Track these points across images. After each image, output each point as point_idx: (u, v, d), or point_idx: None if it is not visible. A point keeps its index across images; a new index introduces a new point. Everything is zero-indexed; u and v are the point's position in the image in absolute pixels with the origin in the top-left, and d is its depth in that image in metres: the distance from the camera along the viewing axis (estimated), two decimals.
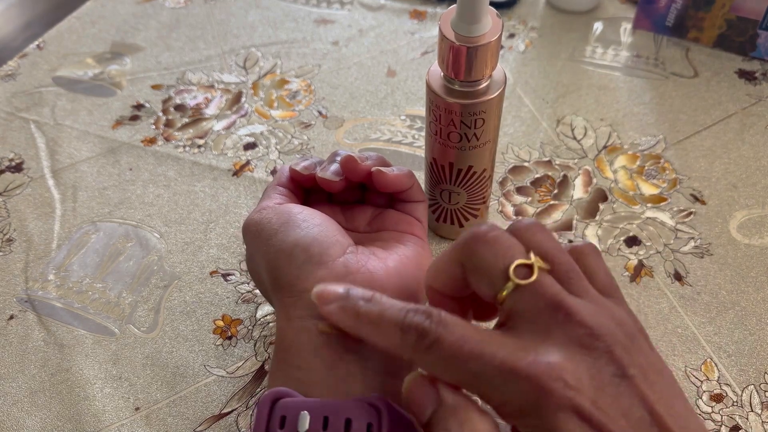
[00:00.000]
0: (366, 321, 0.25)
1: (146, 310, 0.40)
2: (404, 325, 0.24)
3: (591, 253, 0.27)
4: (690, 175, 0.46)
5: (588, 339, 0.22)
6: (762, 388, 0.36)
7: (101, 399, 0.37)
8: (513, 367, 0.22)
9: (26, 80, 0.56)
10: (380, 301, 0.25)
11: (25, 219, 0.46)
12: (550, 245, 0.25)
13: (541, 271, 0.24)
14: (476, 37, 0.31)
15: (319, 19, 0.60)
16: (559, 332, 0.23)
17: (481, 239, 0.25)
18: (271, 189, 0.36)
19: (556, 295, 0.23)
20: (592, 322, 0.23)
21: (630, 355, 0.22)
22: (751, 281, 0.40)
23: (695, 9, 0.53)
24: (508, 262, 0.24)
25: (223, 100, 0.53)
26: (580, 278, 0.25)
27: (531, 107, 0.51)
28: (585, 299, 0.24)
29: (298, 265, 0.30)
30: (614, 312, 0.24)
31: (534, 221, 0.26)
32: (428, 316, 0.23)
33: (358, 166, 0.34)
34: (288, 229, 0.31)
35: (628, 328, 0.24)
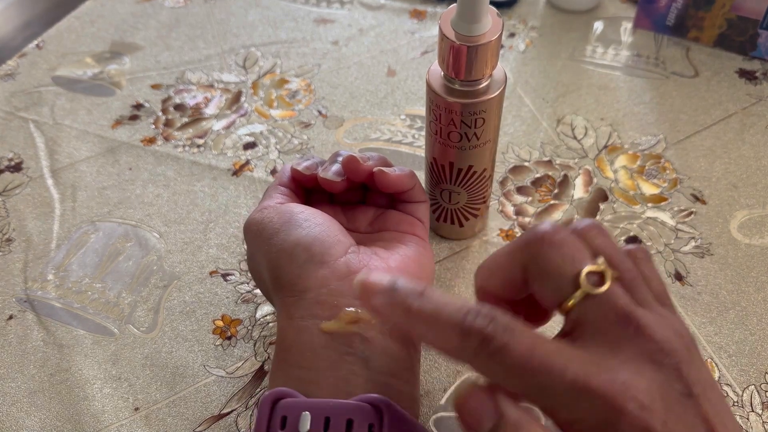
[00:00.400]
0: (419, 319, 0.22)
1: (146, 310, 0.40)
2: (464, 327, 0.21)
3: (644, 258, 0.25)
4: (690, 174, 0.46)
5: (658, 355, 0.21)
6: (763, 388, 0.36)
7: (100, 399, 0.37)
8: (586, 384, 0.20)
9: (25, 80, 0.56)
10: (434, 298, 0.22)
11: (25, 219, 0.46)
12: (612, 250, 0.24)
13: (613, 280, 0.23)
14: (476, 36, 0.31)
15: (319, 18, 0.59)
16: (630, 347, 0.21)
17: (548, 241, 0.23)
18: (272, 189, 0.36)
19: (626, 307, 0.22)
20: (661, 337, 0.22)
21: (693, 372, 0.22)
22: (751, 281, 0.40)
23: (696, 8, 0.53)
24: (578, 267, 0.22)
25: (222, 99, 0.53)
26: (643, 287, 0.23)
27: (531, 107, 0.51)
28: (649, 310, 0.23)
29: (299, 264, 0.30)
30: (674, 324, 0.23)
31: (595, 222, 0.24)
32: (491, 319, 0.21)
33: (360, 167, 0.34)
34: (289, 229, 0.31)
35: (687, 341, 0.23)
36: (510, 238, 0.43)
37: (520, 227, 0.43)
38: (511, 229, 0.43)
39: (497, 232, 0.43)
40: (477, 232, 0.43)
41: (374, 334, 0.29)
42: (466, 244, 0.43)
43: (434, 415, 0.35)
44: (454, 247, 0.42)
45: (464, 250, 0.42)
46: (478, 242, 0.43)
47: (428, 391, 0.36)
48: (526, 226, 0.43)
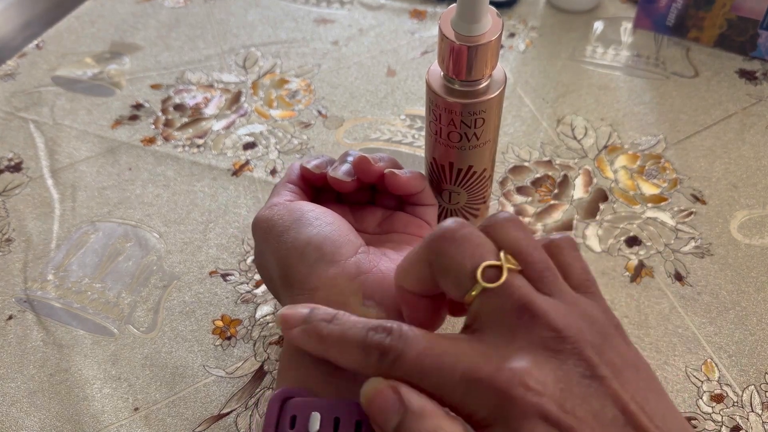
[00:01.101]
0: (329, 342, 0.24)
1: (145, 311, 0.40)
2: (365, 344, 0.23)
3: (567, 247, 0.26)
4: (690, 174, 0.46)
5: (554, 341, 0.22)
6: (762, 388, 0.36)
7: (100, 399, 0.37)
8: (475, 377, 0.21)
9: (25, 80, 0.56)
10: (342, 321, 0.24)
11: (24, 219, 0.46)
12: (524, 242, 0.24)
13: (510, 272, 0.23)
14: (476, 36, 0.31)
15: (318, 18, 0.59)
16: (523, 335, 0.22)
17: (449, 238, 0.24)
18: (281, 186, 0.35)
19: (524, 297, 0.22)
20: (560, 323, 0.22)
21: (601, 355, 0.22)
22: (751, 281, 0.40)
23: (696, 8, 0.53)
24: (476, 263, 0.23)
25: (222, 99, 0.53)
26: (554, 276, 0.24)
27: (531, 107, 0.51)
28: (557, 298, 0.23)
29: (310, 263, 0.30)
30: (587, 310, 0.23)
31: (509, 216, 0.25)
32: (389, 332, 0.23)
33: (371, 167, 0.34)
34: (300, 227, 0.31)
35: (601, 326, 0.23)
36: None
37: None
38: None
39: None
40: None
41: None
42: None
43: None
44: None
45: None
46: None
47: None
48: None
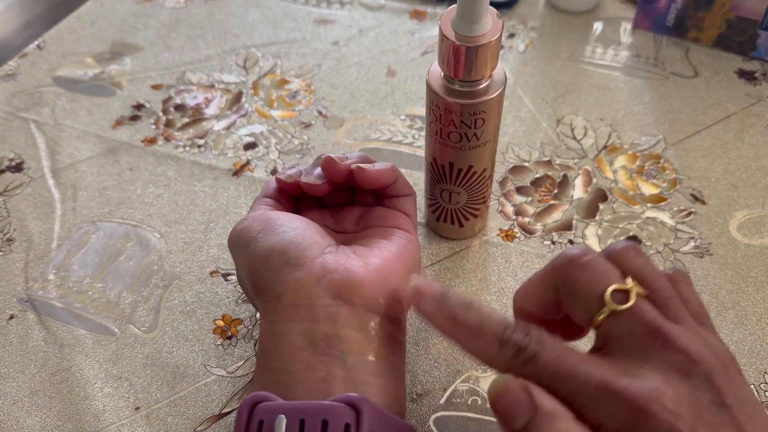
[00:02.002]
0: (463, 327, 0.25)
1: (146, 310, 0.40)
2: (503, 339, 0.23)
3: (683, 280, 0.26)
4: (690, 175, 0.46)
5: (687, 365, 0.22)
6: (762, 388, 0.36)
7: (101, 399, 0.37)
8: (612, 388, 0.21)
9: (26, 80, 0.56)
10: (479, 311, 0.25)
11: (25, 219, 0.46)
12: (648, 270, 0.25)
13: (638, 297, 0.24)
14: (476, 36, 0.31)
15: (319, 18, 0.60)
16: (657, 358, 0.22)
17: (576, 263, 0.25)
18: (257, 201, 0.36)
19: (654, 321, 0.23)
20: (691, 348, 0.22)
21: (727, 385, 0.22)
22: (751, 281, 0.40)
23: (695, 9, 0.53)
24: (604, 286, 0.24)
25: (223, 100, 0.53)
26: (678, 304, 0.24)
27: (531, 107, 0.51)
28: (682, 326, 0.23)
29: (275, 269, 0.30)
30: (709, 340, 0.24)
31: (630, 244, 0.26)
32: (527, 333, 0.23)
33: (337, 166, 0.34)
34: (265, 235, 0.31)
35: (724, 357, 0.23)
36: (510, 238, 0.43)
37: (520, 227, 0.43)
38: (510, 229, 0.43)
39: (497, 232, 0.43)
40: (477, 232, 0.43)
41: (350, 332, 0.28)
42: (466, 244, 0.43)
43: (434, 414, 0.35)
44: (454, 247, 0.43)
45: (464, 250, 0.42)
46: (478, 242, 0.43)
47: (428, 390, 0.36)
48: (525, 226, 0.43)
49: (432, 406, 0.35)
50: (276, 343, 0.29)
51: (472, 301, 0.25)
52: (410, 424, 0.28)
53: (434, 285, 0.26)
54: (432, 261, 0.42)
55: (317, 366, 0.27)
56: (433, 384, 0.36)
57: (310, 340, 0.28)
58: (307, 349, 0.28)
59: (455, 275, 0.41)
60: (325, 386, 0.27)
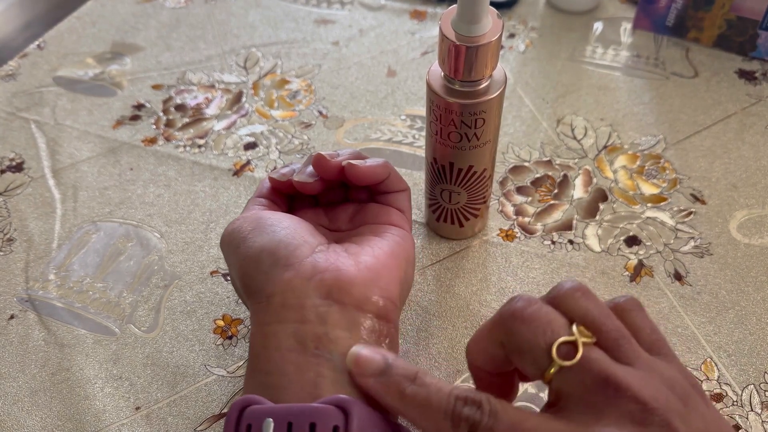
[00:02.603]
0: (411, 404, 0.24)
1: (147, 310, 0.40)
2: (454, 416, 0.23)
3: (633, 309, 0.25)
4: (690, 174, 0.46)
5: (642, 414, 0.21)
6: (762, 387, 0.36)
7: (101, 398, 0.37)
8: None
9: (27, 80, 0.56)
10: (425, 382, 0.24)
11: (26, 219, 0.46)
12: (595, 311, 0.24)
13: (586, 346, 0.23)
14: (477, 36, 0.31)
15: (319, 19, 0.60)
16: (611, 410, 0.22)
17: (519, 317, 0.24)
18: (251, 201, 0.36)
19: (604, 371, 0.22)
20: (645, 395, 0.21)
21: (687, 423, 0.21)
22: (751, 281, 0.40)
23: (695, 9, 0.53)
24: (549, 341, 0.23)
25: (223, 100, 0.53)
26: (629, 344, 0.23)
27: (531, 107, 0.51)
28: (635, 366, 0.23)
29: (265, 269, 0.29)
30: (665, 374, 0.23)
31: (575, 285, 0.25)
32: (479, 405, 0.23)
33: (328, 164, 0.33)
34: (255, 235, 0.31)
35: (682, 390, 0.23)
36: (510, 238, 0.43)
37: (520, 227, 0.43)
38: (510, 228, 0.43)
39: (497, 232, 0.43)
40: (477, 232, 0.43)
41: (340, 332, 0.28)
42: (466, 244, 0.43)
43: None
44: (454, 246, 0.43)
45: (464, 250, 0.42)
46: (478, 242, 0.43)
47: None
48: (526, 225, 0.43)
49: None
50: (266, 344, 0.28)
51: (417, 371, 0.24)
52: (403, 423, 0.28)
53: (375, 356, 0.25)
54: (432, 261, 0.42)
55: (307, 367, 0.27)
56: None
57: (300, 341, 0.28)
58: (296, 350, 0.27)
59: (455, 275, 0.41)
60: (315, 388, 0.26)
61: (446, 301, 0.40)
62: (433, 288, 0.41)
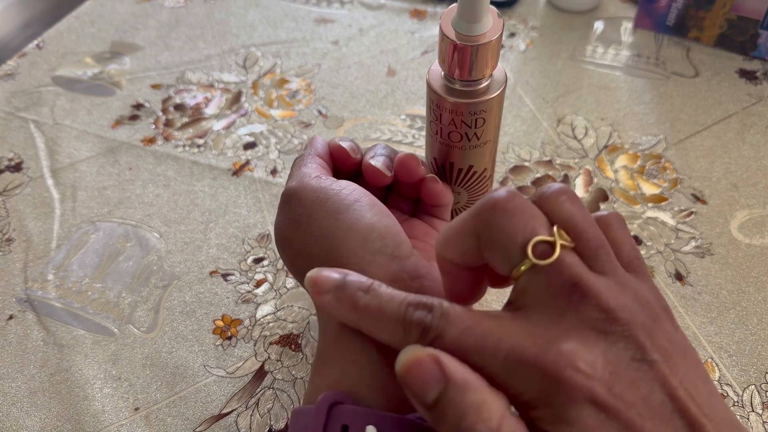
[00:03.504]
0: (365, 314, 0.23)
1: (146, 310, 0.40)
2: (405, 321, 0.22)
3: (616, 224, 0.24)
4: (691, 174, 0.46)
5: (604, 323, 0.21)
6: (763, 388, 0.36)
7: (101, 399, 0.37)
8: (521, 358, 0.20)
9: (25, 80, 0.56)
10: (379, 293, 0.23)
11: (25, 219, 0.46)
12: (578, 217, 0.23)
13: (563, 249, 0.22)
14: (477, 36, 0.31)
15: (319, 18, 0.59)
16: (572, 315, 0.21)
17: (500, 209, 0.22)
18: (308, 157, 0.33)
19: (576, 276, 0.21)
20: (612, 304, 0.21)
21: (652, 339, 0.21)
22: (752, 281, 0.40)
23: (696, 8, 0.53)
24: (527, 237, 0.22)
25: (222, 99, 0.53)
26: (607, 254, 0.23)
27: (531, 107, 0.51)
28: (609, 277, 0.22)
29: (372, 250, 0.28)
30: (638, 290, 0.22)
31: (563, 187, 0.23)
32: (430, 309, 0.22)
33: (418, 170, 0.32)
34: (362, 209, 0.29)
35: (652, 308, 0.22)
36: None
37: None
38: None
39: None
40: None
41: None
42: None
43: None
44: None
45: None
46: None
47: None
48: None
49: None
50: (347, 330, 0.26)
51: (372, 282, 0.24)
52: None
53: (331, 273, 0.24)
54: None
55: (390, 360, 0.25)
56: None
57: None
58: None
59: None
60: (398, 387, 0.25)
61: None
62: None
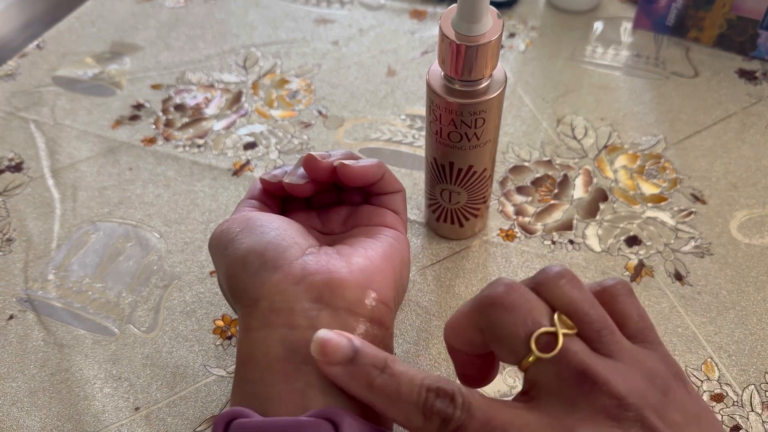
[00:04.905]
0: (381, 395, 0.23)
1: (146, 310, 0.40)
2: (426, 408, 0.22)
3: (622, 294, 0.24)
4: (690, 174, 0.46)
5: (617, 410, 0.21)
6: (762, 387, 0.36)
7: (101, 399, 0.37)
8: None
9: (26, 80, 0.56)
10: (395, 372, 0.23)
11: (25, 219, 0.46)
12: (578, 300, 0.23)
13: (566, 337, 0.22)
14: (477, 36, 0.31)
15: (319, 18, 0.60)
16: (585, 405, 0.21)
17: (499, 305, 0.23)
18: (241, 203, 0.35)
19: (582, 364, 0.22)
20: (622, 390, 0.21)
21: (663, 417, 0.21)
22: (751, 281, 0.40)
23: (695, 8, 0.53)
24: (529, 330, 0.22)
25: (223, 99, 0.53)
26: (611, 335, 0.23)
27: (531, 107, 0.51)
28: (616, 358, 0.22)
29: (253, 271, 0.28)
30: (647, 365, 0.22)
31: (561, 270, 0.24)
32: (452, 399, 0.22)
33: (319, 164, 0.32)
34: (243, 237, 0.30)
35: (662, 381, 0.22)
36: (510, 238, 0.43)
37: (520, 227, 0.43)
38: (511, 228, 0.43)
39: (497, 231, 0.43)
40: (477, 231, 0.43)
41: None
42: (466, 244, 0.43)
43: None
44: (454, 247, 0.43)
45: (464, 250, 0.42)
46: (478, 242, 0.43)
47: None
48: (526, 225, 0.43)
49: None
50: (252, 351, 0.27)
51: (386, 358, 0.23)
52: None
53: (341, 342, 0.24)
54: (432, 261, 0.42)
55: (295, 376, 0.26)
56: None
57: (288, 348, 0.26)
58: (284, 358, 0.26)
59: (455, 275, 0.41)
60: (304, 399, 0.25)
61: (446, 301, 0.40)
62: (433, 288, 0.41)
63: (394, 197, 0.35)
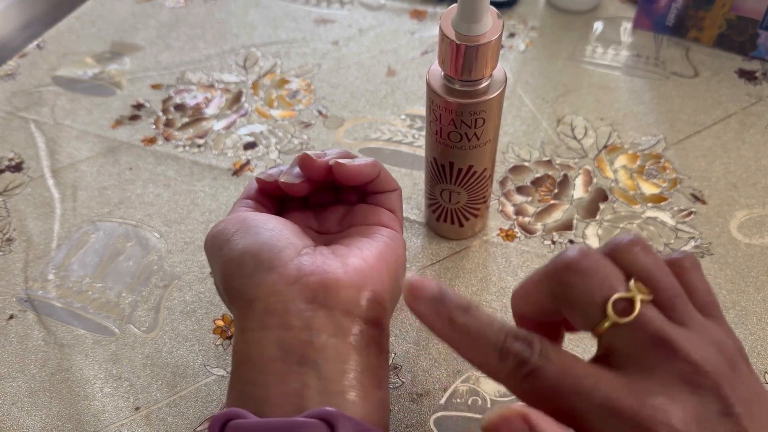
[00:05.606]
0: (462, 333, 0.23)
1: (146, 310, 0.40)
2: (503, 349, 0.22)
3: (690, 267, 0.25)
4: (690, 174, 0.46)
5: (694, 376, 0.21)
6: None
7: (101, 399, 0.37)
8: (617, 408, 0.21)
9: (26, 80, 0.56)
10: (478, 316, 0.23)
11: (25, 218, 0.46)
12: (652, 267, 0.23)
13: (643, 304, 0.22)
14: (477, 36, 0.31)
15: (319, 18, 0.60)
16: (663, 370, 0.21)
17: (574, 269, 0.23)
18: (237, 203, 0.35)
19: (659, 330, 0.22)
20: (698, 357, 0.21)
21: (734, 390, 0.21)
22: (751, 281, 0.40)
23: (695, 8, 0.53)
24: (605, 295, 0.22)
25: (223, 99, 0.53)
26: (684, 304, 0.23)
27: (531, 107, 0.51)
28: (688, 327, 0.22)
29: (248, 273, 0.28)
30: (717, 337, 0.23)
31: (635, 238, 0.24)
32: (529, 344, 0.22)
33: (314, 163, 0.32)
34: (239, 237, 0.30)
35: (731, 355, 0.22)
36: (510, 238, 0.43)
37: (520, 227, 0.43)
38: (511, 228, 0.43)
39: (497, 231, 0.43)
40: (477, 231, 0.43)
41: (326, 339, 0.27)
42: (466, 244, 0.43)
43: (434, 414, 0.35)
44: (454, 246, 0.43)
45: (464, 250, 0.42)
46: (478, 242, 0.43)
47: (428, 390, 0.36)
48: (526, 225, 0.43)
49: (432, 406, 0.35)
50: (248, 352, 0.27)
51: (470, 303, 0.24)
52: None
53: (430, 283, 0.24)
54: (432, 261, 0.42)
55: (291, 377, 0.26)
56: (433, 384, 0.36)
57: (284, 348, 0.26)
58: (280, 359, 0.26)
59: (455, 275, 0.41)
60: (300, 399, 0.25)
61: None
62: None
63: (390, 196, 0.35)
